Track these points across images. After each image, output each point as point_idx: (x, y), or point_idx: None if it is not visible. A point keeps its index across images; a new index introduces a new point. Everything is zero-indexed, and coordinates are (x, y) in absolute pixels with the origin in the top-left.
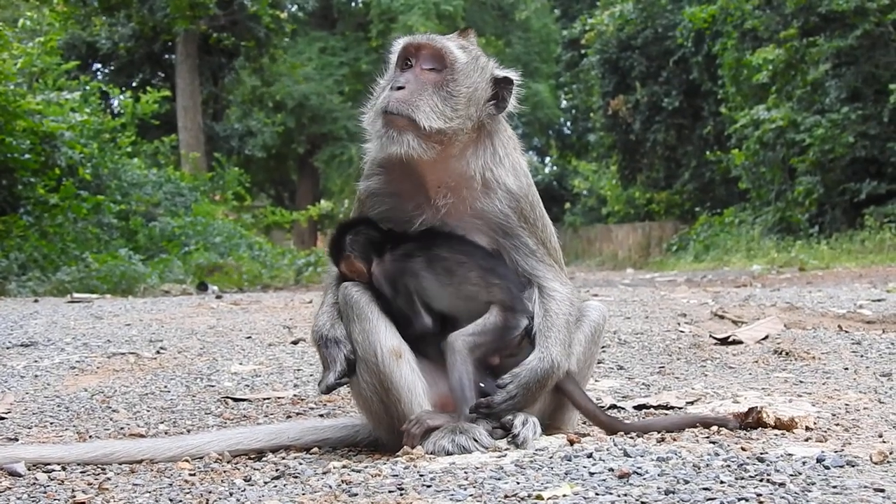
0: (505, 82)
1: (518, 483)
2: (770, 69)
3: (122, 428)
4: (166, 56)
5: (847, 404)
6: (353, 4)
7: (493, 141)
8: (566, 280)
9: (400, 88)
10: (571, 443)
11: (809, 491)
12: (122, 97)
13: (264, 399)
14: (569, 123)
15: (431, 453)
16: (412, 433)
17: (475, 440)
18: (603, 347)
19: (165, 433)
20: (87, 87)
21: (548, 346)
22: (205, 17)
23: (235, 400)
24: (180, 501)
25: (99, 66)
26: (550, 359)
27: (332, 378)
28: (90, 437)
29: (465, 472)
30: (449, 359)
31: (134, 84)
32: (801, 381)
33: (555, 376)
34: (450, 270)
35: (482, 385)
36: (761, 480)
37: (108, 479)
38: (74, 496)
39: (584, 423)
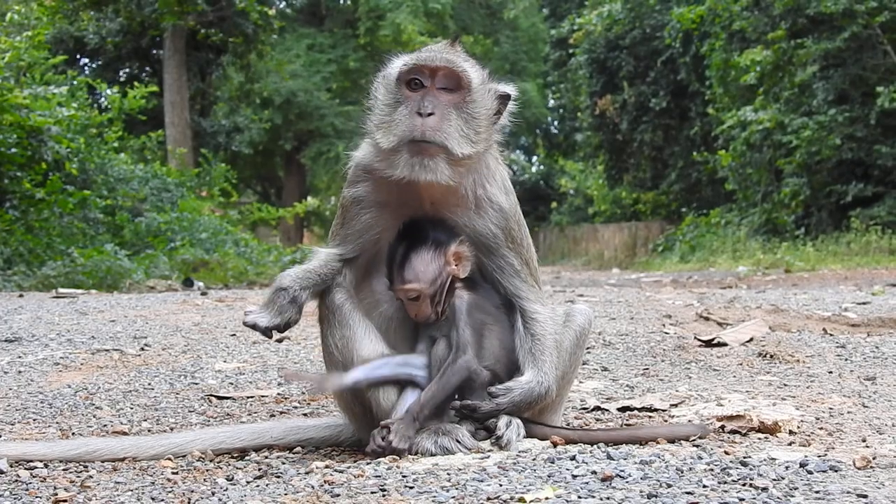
0: (506, 97)
1: (501, 485)
2: (758, 70)
3: (105, 425)
4: (154, 51)
5: (831, 408)
6: (341, 2)
7: (485, 156)
8: (545, 300)
9: (430, 115)
10: (555, 445)
11: (792, 496)
12: (109, 92)
13: (248, 397)
14: (556, 123)
15: (414, 454)
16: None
17: (458, 441)
18: (588, 348)
19: (149, 431)
20: (75, 82)
21: (545, 372)
22: (193, 12)
23: (219, 398)
24: (162, 500)
25: (86, 60)
26: (547, 384)
27: (265, 322)
28: (73, 434)
29: (448, 474)
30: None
31: (121, 79)
32: (785, 385)
33: (544, 401)
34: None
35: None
36: (744, 485)
37: (91, 476)
38: (56, 494)
39: (568, 424)
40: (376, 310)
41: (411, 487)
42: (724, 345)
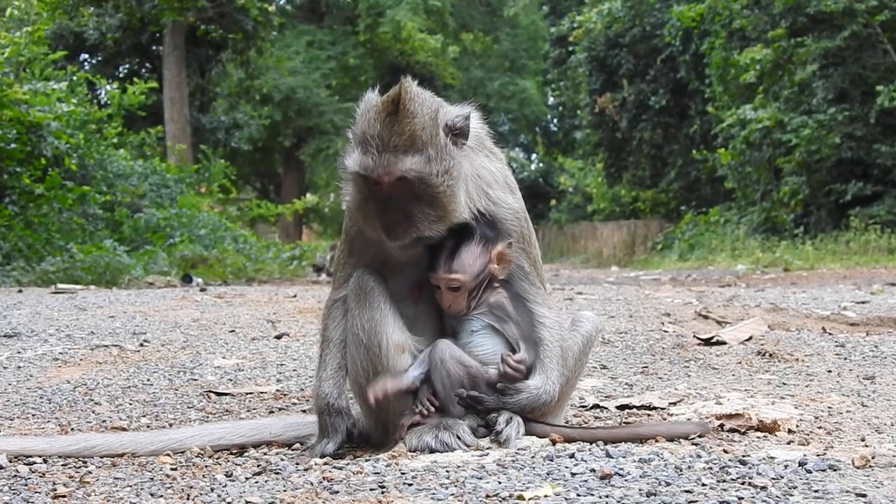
0: (462, 120)
1: (500, 483)
2: (757, 69)
3: (104, 421)
4: (154, 47)
5: (830, 407)
6: None
7: (478, 160)
8: (552, 302)
9: (397, 224)
10: (554, 443)
11: (791, 495)
12: (108, 88)
13: (247, 394)
14: (555, 120)
15: (415, 450)
16: (404, 424)
17: (458, 437)
18: None
19: (147, 427)
20: (74, 78)
21: (552, 380)
22: (193, 8)
23: (218, 394)
24: (161, 496)
25: (86, 56)
26: (553, 392)
27: (332, 447)
28: (72, 429)
29: (447, 471)
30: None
31: (121, 75)
32: (784, 383)
33: (546, 408)
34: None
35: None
36: (743, 483)
37: (90, 472)
38: (56, 489)
39: (567, 422)
40: None
41: (410, 485)
42: (723, 343)
